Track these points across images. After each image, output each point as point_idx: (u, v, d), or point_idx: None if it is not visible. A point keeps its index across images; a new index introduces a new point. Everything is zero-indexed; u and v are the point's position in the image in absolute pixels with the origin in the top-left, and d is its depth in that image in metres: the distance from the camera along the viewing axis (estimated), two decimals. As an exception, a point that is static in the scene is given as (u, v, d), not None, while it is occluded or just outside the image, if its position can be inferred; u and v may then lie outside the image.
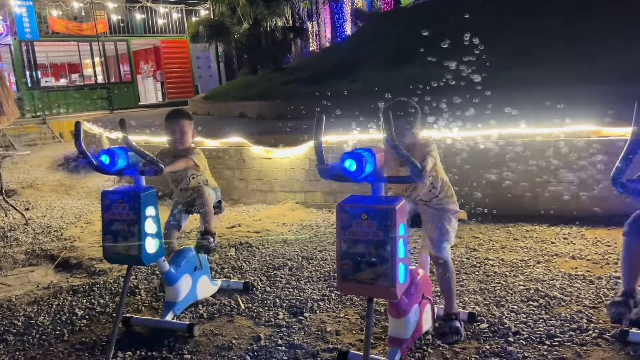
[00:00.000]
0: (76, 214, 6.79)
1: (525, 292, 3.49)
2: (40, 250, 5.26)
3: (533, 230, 4.78)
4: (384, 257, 2.33)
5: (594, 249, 4.22)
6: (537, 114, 5.56)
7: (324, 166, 2.50)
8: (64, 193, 8.36)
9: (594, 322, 3.02)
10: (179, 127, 3.56)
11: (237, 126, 7.83)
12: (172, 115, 3.65)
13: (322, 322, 3.29)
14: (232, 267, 4.43)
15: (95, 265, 4.65)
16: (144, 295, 3.92)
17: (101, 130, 10.24)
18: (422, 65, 9.10)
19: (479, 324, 3.10)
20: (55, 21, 19.53)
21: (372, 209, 2.37)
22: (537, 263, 4.01)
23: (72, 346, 3.21)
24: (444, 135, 5.44)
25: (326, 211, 6.01)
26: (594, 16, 8.26)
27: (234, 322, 3.38)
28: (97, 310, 3.72)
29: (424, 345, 2.91)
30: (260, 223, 5.75)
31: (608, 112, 5.08)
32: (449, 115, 5.86)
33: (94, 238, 5.47)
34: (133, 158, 3.12)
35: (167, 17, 22.30)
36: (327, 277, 4.04)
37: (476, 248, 4.46)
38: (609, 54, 6.88)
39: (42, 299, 3.98)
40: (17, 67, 18.97)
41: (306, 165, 6.29)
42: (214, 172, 3.86)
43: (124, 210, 3.05)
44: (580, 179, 4.89)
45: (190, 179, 3.64)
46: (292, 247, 4.83)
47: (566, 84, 6.40)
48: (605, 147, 4.75)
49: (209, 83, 23.17)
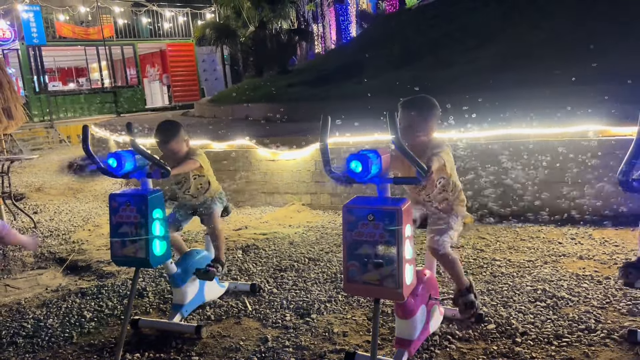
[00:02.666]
0: (84, 217, 6.83)
1: (533, 293, 3.48)
2: (48, 254, 5.30)
3: (540, 231, 4.76)
4: (391, 258, 2.34)
5: (602, 249, 4.20)
6: (543, 113, 5.55)
7: (330, 169, 2.51)
8: (71, 196, 8.42)
9: (602, 322, 3.01)
10: (169, 148, 3.48)
11: (243, 128, 7.86)
12: (158, 136, 3.48)
13: (329, 323, 3.30)
14: (239, 269, 4.44)
15: (103, 268, 4.68)
16: (151, 298, 3.94)
17: (108, 134, 10.30)
18: (428, 66, 9.12)
19: (487, 324, 3.10)
20: (62, 26, 19.65)
21: (378, 210, 2.37)
22: (544, 263, 4.00)
23: (80, 348, 3.24)
24: (450, 136, 5.44)
25: (332, 213, 6.01)
26: (599, 16, 8.24)
27: (242, 324, 3.39)
28: (105, 312, 3.75)
29: (431, 347, 2.91)
30: (266, 225, 5.77)
31: (613, 111, 5.06)
32: (455, 115, 5.87)
33: (102, 241, 5.51)
34: (140, 161, 3.14)
35: (173, 20, 22.38)
36: (334, 278, 4.05)
37: (483, 249, 4.45)
38: (614, 54, 6.86)
39: (50, 301, 4.01)
40: (24, 71, 19.10)
41: (312, 167, 6.30)
42: (220, 174, 3.87)
43: (131, 212, 3.07)
44: (587, 179, 4.87)
45: (192, 180, 3.63)
46: (299, 249, 4.84)
47: (572, 83, 6.39)
48: (612, 147, 4.73)
49: (214, 86, 23.24)
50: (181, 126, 3.59)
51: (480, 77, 7.50)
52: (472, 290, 3.00)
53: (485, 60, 8.30)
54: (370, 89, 8.92)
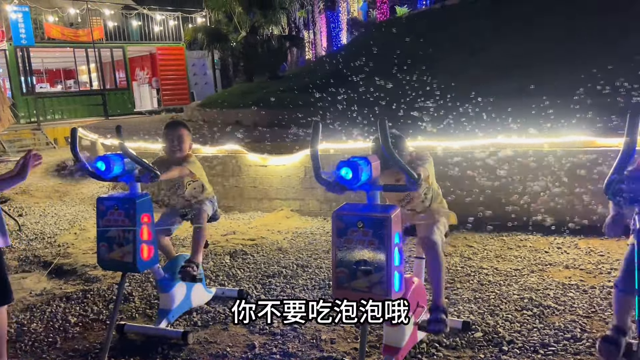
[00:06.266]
0: (70, 221, 6.76)
1: (520, 301, 3.50)
2: (33, 257, 5.23)
3: (527, 240, 4.80)
4: (380, 265, 2.34)
5: (588, 258, 4.24)
6: (530, 123, 5.61)
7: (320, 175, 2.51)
8: (58, 199, 8.33)
9: (587, 331, 3.04)
10: (177, 136, 3.60)
11: (233, 134, 7.84)
12: (171, 124, 3.74)
13: (316, 330, 3.29)
14: (226, 274, 4.42)
15: (89, 272, 4.62)
16: (138, 303, 3.90)
17: (96, 137, 10.22)
18: (418, 74, 9.18)
19: (473, 332, 3.11)
20: (51, 27, 19.49)
21: (368, 217, 2.38)
22: (531, 272, 4.03)
23: (65, 353, 3.19)
24: (437, 144, 5.47)
25: (321, 219, 6.01)
26: (592, 26, 8.35)
27: (229, 330, 3.37)
28: (90, 317, 3.70)
29: (418, 354, 2.91)
30: (255, 231, 5.75)
31: (597, 125, 5.14)
32: (442, 124, 5.91)
33: (88, 245, 5.45)
34: (129, 165, 3.12)
35: (163, 24, 22.30)
36: (322, 285, 4.04)
37: (470, 257, 4.47)
38: (604, 65, 6.96)
39: (35, 305, 3.95)
40: (12, 72, 18.90)
41: (302, 173, 6.30)
42: (209, 179, 3.86)
43: (119, 216, 3.05)
44: (573, 189, 4.92)
45: (186, 185, 3.64)
46: (287, 255, 4.83)
47: (559, 94, 6.48)
48: (598, 158, 4.79)
49: (204, 90, 23.15)
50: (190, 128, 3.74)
51: (470, 87, 7.57)
52: (446, 312, 2.88)
53: (475, 70, 8.38)
54: (360, 96, 8.96)
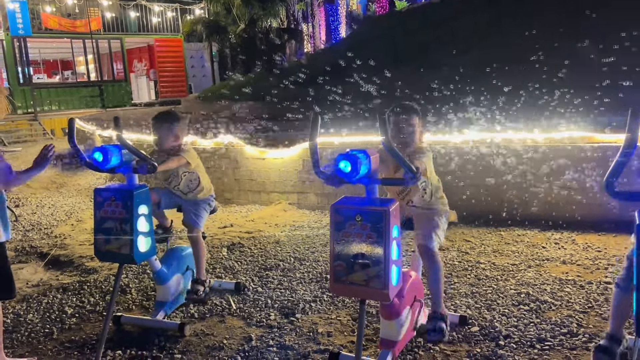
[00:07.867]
0: (67, 212, 6.74)
1: (516, 296, 3.51)
2: (29, 248, 5.22)
3: (524, 235, 4.80)
4: (378, 259, 2.34)
5: (585, 254, 4.25)
6: (530, 119, 5.60)
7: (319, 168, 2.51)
8: (55, 190, 8.30)
9: (584, 326, 3.05)
10: (164, 130, 3.49)
11: (231, 126, 7.80)
12: (158, 117, 3.58)
13: (313, 323, 3.29)
14: (224, 267, 4.41)
15: (85, 263, 4.61)
16: (134, 294, 3.90)
17: (93, 128, 10.18)
18: (417, 68, 9.16)
19: (470, 327, 3.11)
20: (49, 17, 19.36)
21: (366, 211, 2.37)
22: (528, 267, 4.03)
23: (61, 344, 3.19)
24: (437, 139, 5.46)
25: (319, 212, 6.00)
26: (591, 23, 8.33)
27: (225, 322, 3.36)
28: (87, 308, 3.70)
29: (415, 348, 2.92)
30: (252, 224, 5.74)
31: (599, 119, 5.13)
32: (443, 119, 5.89)
33: (85, 236, 5.43)
34: (126, 156, 3.10)
35: (161, 15, 22.17)
36: (319, 278, 4.04)
37: (468, 251, 4.47)
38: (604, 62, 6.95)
39: (31, 296, 3.94)
40: (9, 63, 18.78)
41: (299, 166, 6.29)
42: (207, 171, 3.83)
43: (116, 208, 3.03)
44: (572, 185, 4.92)
45: (182, 177, 3.59)
46: (285, 248, 4.82)
47: (558, 89, 6.46)
48: (598, 154, 4.79)
49: (202, 82, 23.07)
50: (180, 118, 3.60)
51: (468, 81, 7.55)
52: (446, 321, 2.85)
53: (473, 64, 8.36)
54: (357, 89, 8.93)
